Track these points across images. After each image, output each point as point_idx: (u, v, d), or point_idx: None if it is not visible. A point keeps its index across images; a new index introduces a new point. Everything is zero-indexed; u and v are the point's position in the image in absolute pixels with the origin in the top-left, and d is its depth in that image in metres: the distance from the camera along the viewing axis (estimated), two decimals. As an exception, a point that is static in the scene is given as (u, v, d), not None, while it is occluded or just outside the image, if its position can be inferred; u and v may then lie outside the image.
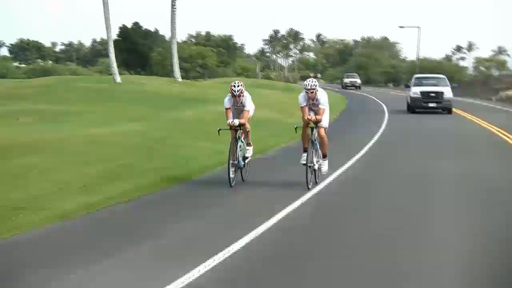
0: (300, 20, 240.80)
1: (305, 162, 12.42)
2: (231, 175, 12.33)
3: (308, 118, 12.35)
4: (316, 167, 12.60)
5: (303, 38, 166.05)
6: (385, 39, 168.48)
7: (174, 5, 44.78)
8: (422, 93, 35.12)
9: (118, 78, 38.48)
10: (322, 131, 12.54)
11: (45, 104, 26.76)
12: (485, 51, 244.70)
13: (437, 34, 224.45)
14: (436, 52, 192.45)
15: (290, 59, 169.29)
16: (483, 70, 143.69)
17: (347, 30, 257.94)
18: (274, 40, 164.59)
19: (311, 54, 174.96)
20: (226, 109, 12.79)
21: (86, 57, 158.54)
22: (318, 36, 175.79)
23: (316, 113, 12.50)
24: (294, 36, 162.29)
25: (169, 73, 57.44)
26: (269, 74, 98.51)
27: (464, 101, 51.68)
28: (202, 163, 15.05)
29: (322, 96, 12.46)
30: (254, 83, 54.36)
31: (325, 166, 12.93)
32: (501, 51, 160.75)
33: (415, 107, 35.52)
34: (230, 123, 12.58)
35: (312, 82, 12.31)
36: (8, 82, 43.31)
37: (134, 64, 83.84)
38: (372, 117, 31.96)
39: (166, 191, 11.85)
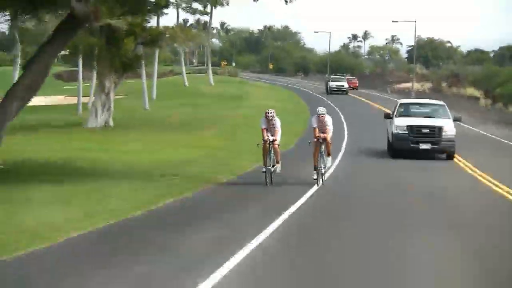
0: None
1: (315, 178, 20.21)
2: (266, 178, 19.78)
3: (319, 135, 20.32)
4: (323, 171, 20.42)
5: (213, 28, 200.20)
6: (286, 27, 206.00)
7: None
8: (410, 128, 29.13)
9: (187, 83, 72.67)
10: (329, 144, 20.77)
11: (172, 100, 60.40)
12: (379, 40, 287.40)
13: (336, 22, 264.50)
14: (336, 41, 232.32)
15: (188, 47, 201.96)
16: (378, 58, 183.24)
17: (249, 19, 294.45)
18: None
19: (216, 41, 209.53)
20: (262, 129, 20.05)
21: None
22: (223, 24, 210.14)
23: (323, 132, 20.47)
24: (203, 26, 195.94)
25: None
26: (216, 70, 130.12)
27: (367, 92, 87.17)
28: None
29: (329, 119, 20.56)
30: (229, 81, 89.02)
31: (329, 161, 21.16)
32: (394, 40, 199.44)
33: (400, 148, 29.52)
34: (266, 139, 19.87)
35: (323, 109, 20.70)
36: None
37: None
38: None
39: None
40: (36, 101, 53.74)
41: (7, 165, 22.44)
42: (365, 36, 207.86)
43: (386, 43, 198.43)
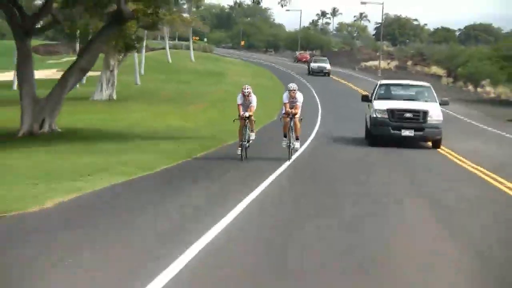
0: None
1: (285, 145, 20.81)
2: (241, 153, 20.37)
3: (289, 111, 20.82)
4: (292, 146, 20.83)
5: (183, 3, 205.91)
6: (257, 2, 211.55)
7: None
8: (391, 112, 26.28)
9: (170, 59, 78.78)
10: (297, 120, 21.00)
11: (158, 76, 66.56)
12: (348, 17, 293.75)
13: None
14: (305, 17, 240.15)
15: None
16: (346, 35, 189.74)
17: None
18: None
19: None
20: (238, 104, 20.71)
21: None
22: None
23: (293, 108, 20.83)
24: (175, 2, 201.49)
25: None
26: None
27: (336, 70, 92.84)
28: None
29: (299, 96, 21.17)
30: (207, 58, 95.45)
31: (297, 144, 21.38)
32: (362, 17, 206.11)
33: (379, 134, 26.63)
34: (242, 114, 20.50)
35: (295, 85, 21.16)
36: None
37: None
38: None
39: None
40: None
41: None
42: (334, 13, 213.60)
43: (354, 20, 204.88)
